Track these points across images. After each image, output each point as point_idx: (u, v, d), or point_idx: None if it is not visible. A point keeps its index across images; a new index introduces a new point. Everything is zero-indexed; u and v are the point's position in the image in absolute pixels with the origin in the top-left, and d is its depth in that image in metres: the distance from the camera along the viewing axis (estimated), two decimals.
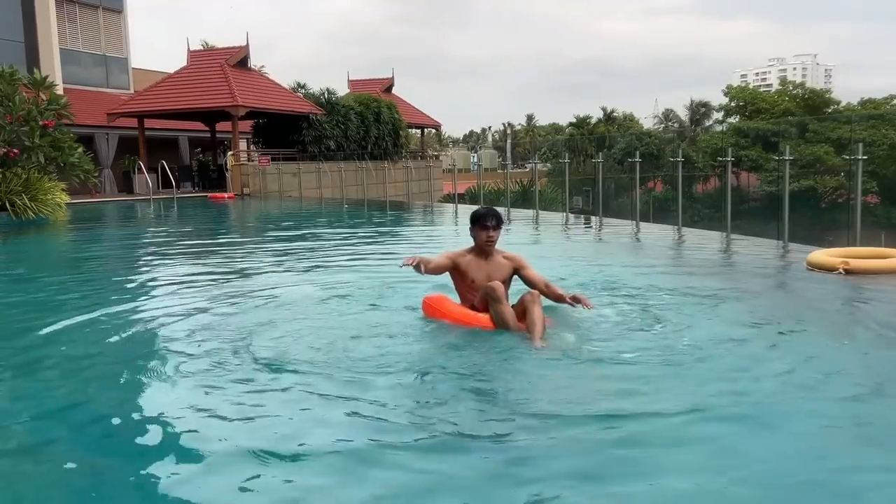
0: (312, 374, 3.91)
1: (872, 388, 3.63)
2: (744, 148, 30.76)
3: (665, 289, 6.14)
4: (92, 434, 3.30)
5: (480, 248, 4.92)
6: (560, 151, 41.82)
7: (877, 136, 27.99)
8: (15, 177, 15.54)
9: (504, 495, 2.59)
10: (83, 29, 31.74)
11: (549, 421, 3.23)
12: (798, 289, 6.63)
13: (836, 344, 4.52)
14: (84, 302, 6.44)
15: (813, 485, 2.65)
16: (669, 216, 15.38)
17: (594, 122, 53.82)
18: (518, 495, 2.55)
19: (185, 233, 14.61)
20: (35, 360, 4.52)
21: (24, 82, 17.07)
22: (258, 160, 28.21)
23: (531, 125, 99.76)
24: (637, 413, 3.29)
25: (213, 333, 4.89)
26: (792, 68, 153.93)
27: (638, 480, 2.66)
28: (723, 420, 3.20)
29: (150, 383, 3.97)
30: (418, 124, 41.05)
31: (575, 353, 4.23)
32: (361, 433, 3.12)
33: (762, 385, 3.62)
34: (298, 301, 5.91)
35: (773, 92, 42.33)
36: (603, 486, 2.65)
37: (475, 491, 2.63)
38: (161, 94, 28.47)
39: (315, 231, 14.02)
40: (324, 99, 31.22)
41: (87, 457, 3.07)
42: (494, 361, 4.13)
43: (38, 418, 3.50)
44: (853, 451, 2.94)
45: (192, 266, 8.86)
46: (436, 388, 3.75)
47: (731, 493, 2.57)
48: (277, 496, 2.62)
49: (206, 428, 3.27)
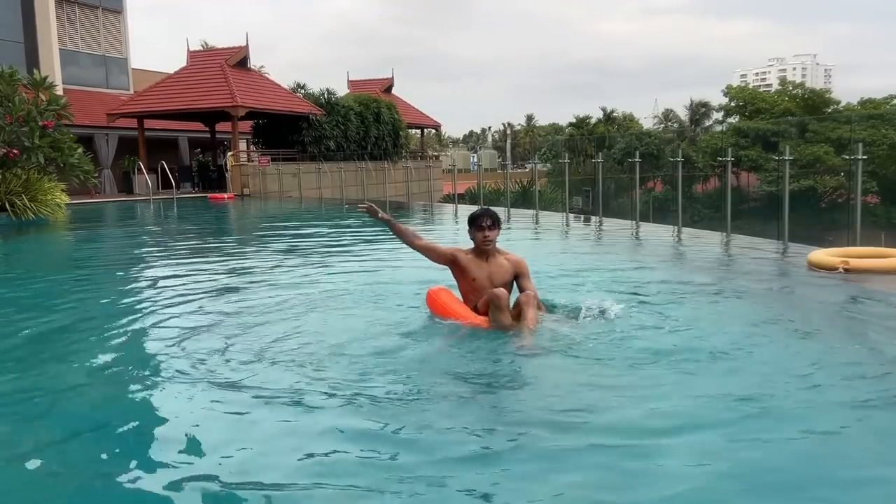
0: (308, 374, 3.91)
1: (879, 389, 3.62)
2: (744, 148, 30.76)
3: (664, 289, 6.14)
4: (92, 440, 3.30)
5: (479, 249, 4.96)
6: (560, 152, 41.81)
7: (876, 135, 27.99)
8: (15, 177, 15.54)
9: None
10: (83, 29, 31.75)
11: (529, 427, 3.22)
12: (798, 288, 6.63)
13: (836, 343, 4.51)
14: (82, 302, 6.43)
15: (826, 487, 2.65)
16: (669, 216, 15.38)
17: (594, 123, 53.86)
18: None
19: (184, 233, 14.60)
20: (25, 360, 4.53)
21: (24, 83, 17.06)
22: (258, 161, 28.22)
23: (531, 125, 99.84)
24: (634, 413, 3.29)
25: (211, 334, 4.88)
26: (791, 68, 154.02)
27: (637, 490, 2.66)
28: (720, 422, 3.20)
29: (148, 384, 3.96)
30: (418, 124, 41.07)
31: (565, 350, 4.25)
32: (351, 438, 3.11)
33: (760, 386, 3.62)
34: (297, 302, 5.91)
35: (772, 92, 42.37)
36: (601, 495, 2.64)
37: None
38: (161, 94, 28.47)
39: (315, 231, 14.01)
40: (323, 99, 31.23)
41: (84, 460, 3.07)
42: (479, 362, 4.15)
43: (29, 418, 3.50)
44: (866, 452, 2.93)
45: (191, 267, 8.85)
46: (421, 392, 3.71)
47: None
48: (274, 494, 2.62)
49: (204, 429, 3.27)
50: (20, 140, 15.91)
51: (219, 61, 28.92)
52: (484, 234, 4.87)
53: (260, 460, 2.91)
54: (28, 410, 3.61)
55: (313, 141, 29.76)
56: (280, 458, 2.93)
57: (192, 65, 29.40)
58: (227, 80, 27.61)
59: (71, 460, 3.02)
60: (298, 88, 32.50)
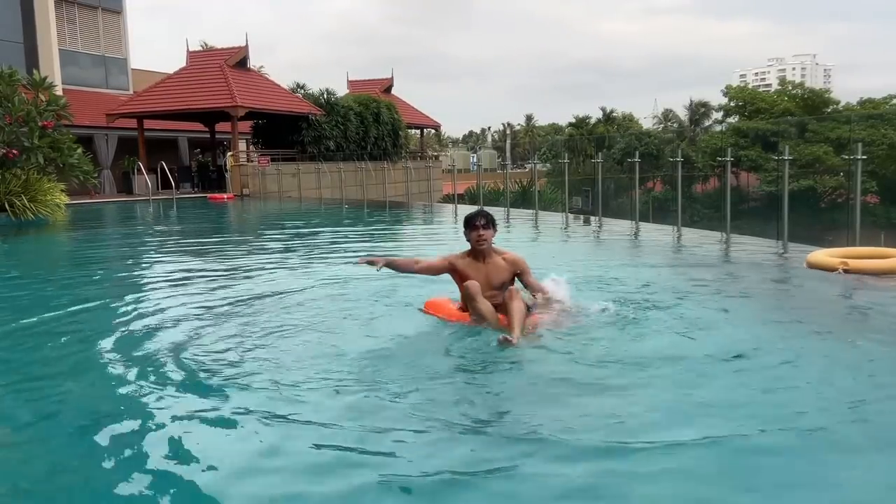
0: (304, 376, 3.91)
1: (875, 389, 3.63)
2: (743, 148, 30.76)
3: (663, 289, 6.13)
4: (86, 436, 3.30)
5: (475, 251, 4.93)
6: (559, 152, 41.82)
7: (876, 135, 28.00)
8: (14, 178, 15.53)
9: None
10: (82, 30, 31.74)
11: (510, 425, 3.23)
12: (797, 288, 6.63)
13: (836, 344, 4.52)
14: (80, 302, 6.43)
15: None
16: (669, 216, 15.37)
17: (593, 123, 53.85)
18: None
19: (183, 233, 14.60)
20: (18, 359, 4.54)
21: (24, 83, 17.06)
22: (257, 161, 28.20)
23: (530, 125, 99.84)
24: (630, 416, 3.29)
25: (210, 335, 4.88)
26: (791, 68, 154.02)
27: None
28: (719, 424, 3.20)
29: (145, 385, 3.96)
30: (418, 124, 41.05)
31: (553, 346, 4.29)
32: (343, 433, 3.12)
33: (759, 387, 3.62)
34: (296, 303, 5.91)
35: (772, 92, 42.36)
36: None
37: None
38: (160, 94, 28.46)
39: (314, 231, 14.01)
40: (323, 99, 31.22)
41: (78, 458, 3.07)
42: (454, 358, 4.23)
43: (24, 419, 3.50)
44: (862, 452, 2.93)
45: (190, 266, 8.85)
46: (408, 391, 3.71)
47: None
48: (268, 493, 2.62)
49: (201, 430, 3.27)
50: (20, 140, 15.90)
51: (218, 61, 28.91)
52: (478, 233, 4.85)
53: (250, 460, 2.91)
54: (23, 411, 3.61)
55: (313, 141, 29.75)
56: (272, 459, 2.93)
57: (191, 65, 29.38)
58: (226, 80, 27.60)
59: (66, 460, 3.03)
60: (298, 88, 32.48)
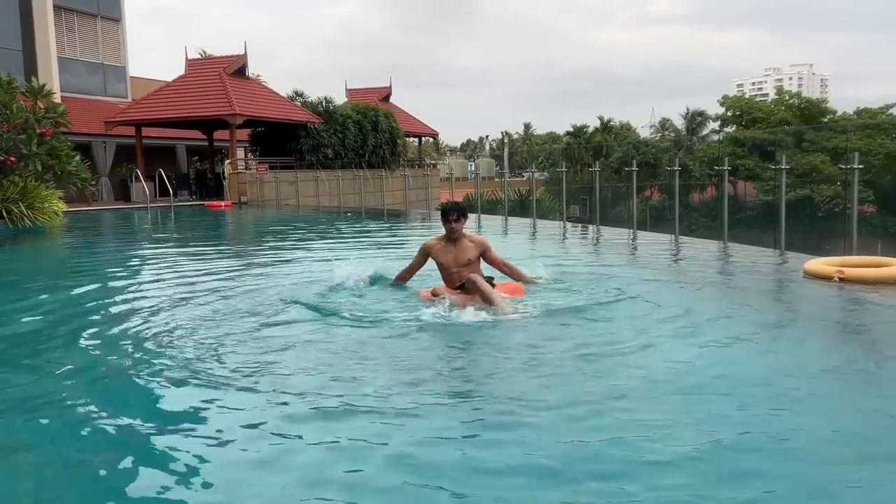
0: (307, 376, 3.91)
1: (873, 399, 3.63)
2: (740, 157, 30.88)
3: (659, 297, 6.13)
4: (84, 441, 3.29)
5: (448, 237, 6.11)
6: (557, 160, 41.90)
7: (872, 145, 28.13)
8: (12, 185, 15.52)
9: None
10: (81, 37, 31.80)
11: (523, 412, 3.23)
12: (793, 297, 6.65)
13: (831, 352, 4.52)
14: (76, 308, 6.42)
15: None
16: (666, 225, 15.41)
17: (591, 131, 53.92)
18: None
19: (181, 241, 14.59)
20: (14, 362, 4.54)
21: (22, 90, 17.06)
22: (256, 168, 28.23)
23: (528, 134, 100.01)
24: (628, 417, 3.29)
25: (208, 339, 4.87)
26: (788, 78, 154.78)
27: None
28: (718, 427, 3.20)
29: (142, 387, 3.95)
30: (416, 133, 41.17)
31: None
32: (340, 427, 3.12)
33: (757, 390, 3.62)
34: (295, 304, 5.91)
35: (769, 101, 42.51)
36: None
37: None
38: (159, 102, 28.50)
39: (312, 238, 14.01)
40: (321, 108, 31.29)
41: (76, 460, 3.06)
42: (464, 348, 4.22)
43: (20, 421, 3.50)
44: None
45: (185, 273, 8.84)
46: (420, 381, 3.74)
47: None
48: (266, 492, 2.62)
49: (201, 430, 3.26)
50: (17, 147, 15.89)
51: (217, 69, 28.97)
52: (451, 225, 6.03)
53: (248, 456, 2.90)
54: (19, 413, 3.60)
55: (311, 149, 29.80)
56: (261, 453, 2.93)
57: (190, 73, 29.44)
58: (225, 88, 27.65)
59: (60, 460, 3.02)
60: (296, 97, 32.56)
